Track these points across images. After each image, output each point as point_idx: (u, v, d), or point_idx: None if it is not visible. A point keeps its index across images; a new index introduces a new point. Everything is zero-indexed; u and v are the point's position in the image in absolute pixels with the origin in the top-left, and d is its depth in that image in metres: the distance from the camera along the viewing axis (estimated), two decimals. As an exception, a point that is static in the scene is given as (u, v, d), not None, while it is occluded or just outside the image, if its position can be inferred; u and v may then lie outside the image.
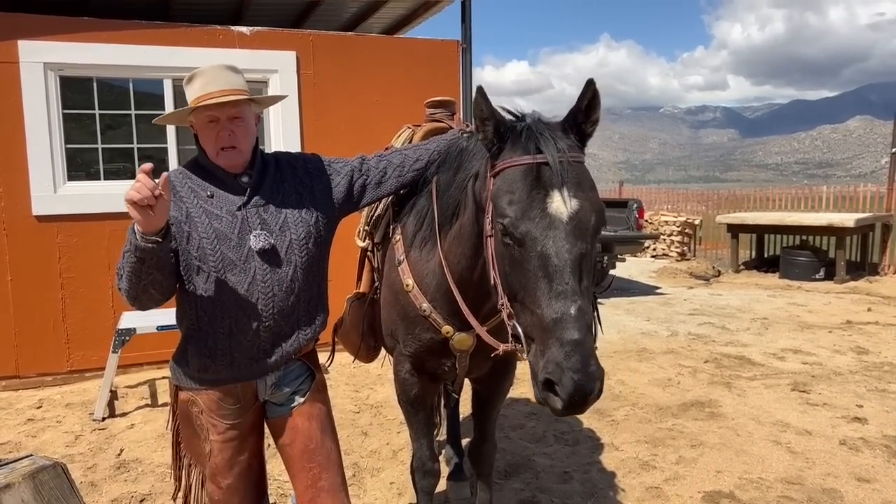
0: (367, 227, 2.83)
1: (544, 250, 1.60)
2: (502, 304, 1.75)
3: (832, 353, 6.57)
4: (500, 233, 1.73)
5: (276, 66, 6.21)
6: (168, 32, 5.94)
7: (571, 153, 1.68)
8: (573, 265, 1.56)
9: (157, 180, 1.72)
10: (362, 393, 5.41)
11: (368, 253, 2.88)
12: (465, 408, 4.15)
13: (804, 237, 12.47)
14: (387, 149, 2.67)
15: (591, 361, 1.52)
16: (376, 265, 2.80)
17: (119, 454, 4.26)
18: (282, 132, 6.28)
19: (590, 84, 1.66)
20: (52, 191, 5.68)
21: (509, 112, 1.87)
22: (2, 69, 5.46)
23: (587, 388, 1.50)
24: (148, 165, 1.71)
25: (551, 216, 1.60)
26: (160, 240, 1.81)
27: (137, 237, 1.79)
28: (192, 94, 2.03)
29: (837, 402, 5.06)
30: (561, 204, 1.60)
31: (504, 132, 1.79)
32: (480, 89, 1.78)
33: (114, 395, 5.02)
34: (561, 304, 1.54)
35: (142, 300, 1.95)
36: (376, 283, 2.80)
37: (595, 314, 1.73)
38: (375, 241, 2.79)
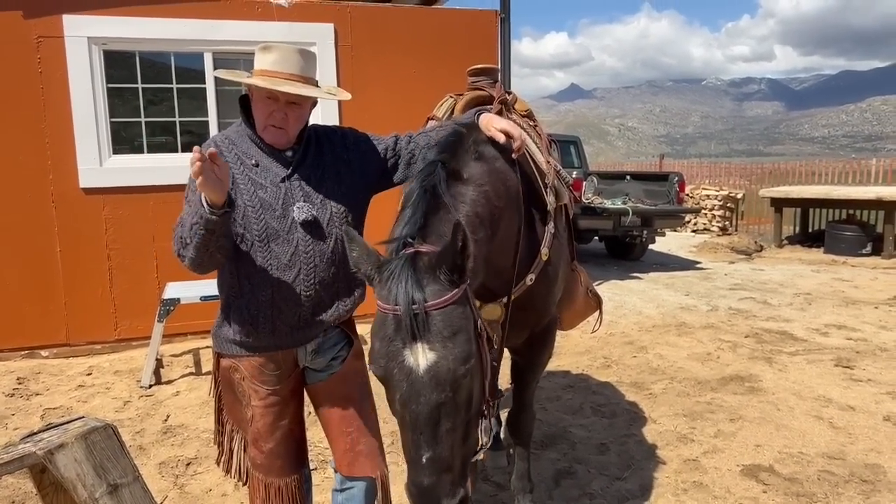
0: None
1: (401, 402, 1.63)
2: None
3: (878, 328, 6.41)
4: None
5: (314, 38, 6.21)
6: (208, 6, 5.98)
7: (433, 300, 1.64)
8: (427, 418, 1.59)
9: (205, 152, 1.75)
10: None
11: None
12: (504, 380, 4.17)
13: (851, 211, 12.06)
14: (429, 119, 2.65)
15: None
16: None
17: (165, 420, 4.41)
18: (320, 105, 6.28)
19: (457, 227, 1.62)
20: (99, 164, 5.81)
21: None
22: (47, 44, 5.58)
23: None
24: (196, 147, 1.74)
25: (407, 369, 1.61)
26: (229, 209, 1.87)
27: (207, 211, 1.82)
28: (262, 63, 2.05)
29: (882, 378, 4.94)
30: (415, 357, 1.61)
31: (371, 275, 1.75)
32: (349, 231, 1.80)
33: (159, 364, 5.17)
34: (413, 453, 1.60)
35: (206, 266, 2.02)
36: None
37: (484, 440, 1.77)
38: None
